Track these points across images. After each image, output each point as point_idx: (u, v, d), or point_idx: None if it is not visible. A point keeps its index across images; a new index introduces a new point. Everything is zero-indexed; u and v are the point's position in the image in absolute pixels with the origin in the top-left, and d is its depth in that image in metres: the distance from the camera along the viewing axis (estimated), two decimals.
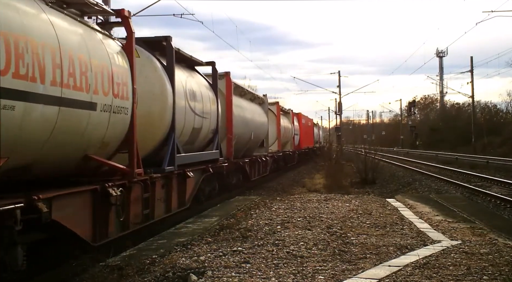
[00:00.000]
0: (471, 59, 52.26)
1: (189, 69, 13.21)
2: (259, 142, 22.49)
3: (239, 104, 18.36)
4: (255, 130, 20.56)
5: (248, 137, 19.51)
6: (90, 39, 7.49)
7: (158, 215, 10.17)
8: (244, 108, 19.11)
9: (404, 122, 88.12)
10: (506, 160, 33.22)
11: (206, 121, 12.89)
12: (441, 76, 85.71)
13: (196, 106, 12.17)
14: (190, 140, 12.09)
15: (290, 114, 34.90)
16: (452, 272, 6.23)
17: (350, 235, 8.62)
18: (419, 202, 13.76)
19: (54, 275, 7.33)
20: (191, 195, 12.29)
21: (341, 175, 23.73)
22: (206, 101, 13.03)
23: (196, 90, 12.42)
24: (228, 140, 16.46)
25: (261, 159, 22.66)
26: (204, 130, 12.83)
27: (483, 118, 62.11)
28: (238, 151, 18.26)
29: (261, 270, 6.40)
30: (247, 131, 19.17)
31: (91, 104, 7.18)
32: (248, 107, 20.20)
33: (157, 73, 10.27)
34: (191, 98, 11.87)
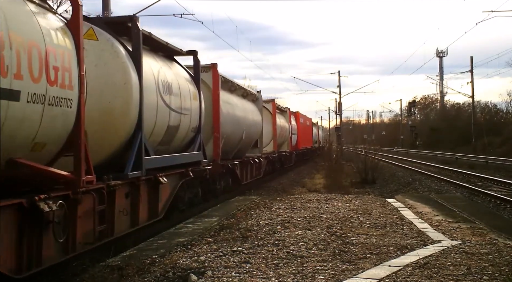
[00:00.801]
0: (471, 59, 52.34)
1: (167, 58, 11.46)
2: (252, 142, 20.84)
3: (228, 100, 16.65)
4: (248, 129, 18.74)
5: (239, 136, 17.79)
6: (10, 9, 5.76)
7: (120, 231, 8.43)
8: (234, 105, 17.35)
9: (404, 122, 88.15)
10: (506, 160, 33.23)
11: (185, 118, 11.04)
12: (441, 76, 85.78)
13: (173, 101, 10.34)
14: (165, 140, 10.34)
15: (287, 112, 33.13)
16: (452, 272, 6.23)
17: (350, 235, 8.62)
18: (419, 202, 13.77)
19: (54, 275, 7.33)
20: (165, 204, 10.46)
21: (341, 175, 23.74)
22: (185, 95, 11.18)
23: (173, 83, 10.51)
24: (214, 140, 14.79)
25: (254, 160, 20.95)
26: (183, 128, 11.01)
27: (483, 118, 62.12)
28: (227, 152, 16.71)
29: (261, 270, 6.40)
30: (238, 130, 17.48)
31: (11, 92, 5.47)
32: (240, 104, 18.40)
33: (119, 60, 8.41)
34: (166, 91, 10.05)
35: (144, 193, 9.37)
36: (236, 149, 17.82)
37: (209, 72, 15.06)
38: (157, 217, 9.94)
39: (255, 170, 21.47)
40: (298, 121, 38.39)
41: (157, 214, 9.96)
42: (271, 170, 27.28)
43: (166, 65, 10.83)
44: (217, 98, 15.02)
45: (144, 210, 9.45)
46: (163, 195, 10.28)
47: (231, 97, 17.41)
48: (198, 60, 12.84)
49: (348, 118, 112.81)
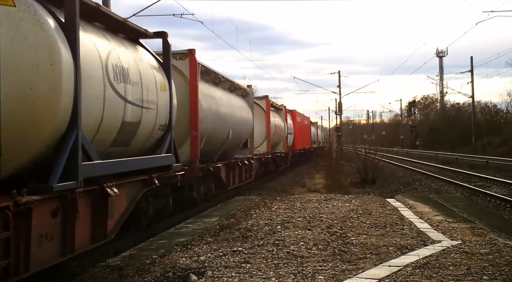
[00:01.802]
0: (471, 59, 52.35)
1: (128, 41, 9.16)
2: (242, 142, 18.75)
3: (210, 93, 14.47)
4: (235, 128, 16.56)
5: (225, 135, 15.69)
6: None
7: (43, 262, 6.17)
8: (218, 99, 15.14)
9: (404, 122, 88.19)
10: (506, 160, 33.23)
11: (149, 113, 8.89)
12: (441, 76, 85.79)
13: (130, 91, 8.09)
14: (120, 140, 8.08)
15: (283, 110, 30.96)
16: (452, 272, 6.23)
17: (350, 235, 8.62)
18: (419, 202, 13.77)
19: (54, 275, 7.33)
20: (119, 220, 8.07)
21: (341, 175, 23.73)
22: (149, 85, 8.96)
23: (131, 69, 8.30)
24: (192, 139, 12.57)
25: (243, 162, 18.64)
26: (146, 125, 8.82)
27: (483, 118, 62.13)
28: (210, 153, 14.67)
29: (261, 270, 6.40)
30: (223, 128, 15.37)
31: None
32: (225, 99, 16.17)
33: (44, 33, 6.28)
34: (119, 78, 7.78)
35: (84, 209, 6.97)
36: (222, 149, 15.82)
37: (186, 60, 12.73)
38: (105, 238, 7.60)
39: (245, 173, 19.33)
40: (295, 119, 36.48)
41: (105, 235, 7.56)
42: (264, 172, 25.43)
43: (122, 47, 8.46)
44: (195, 90, 12.69)
45: (85, 231, 7.07)
46: (115, 210, 7.88)
47: (215, 91, 15.22)
48: (169, 43, 10.38)
49: (348, 118, 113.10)
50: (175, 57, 12.17)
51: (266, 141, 24.51)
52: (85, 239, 7.15)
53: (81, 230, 6.90)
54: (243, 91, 19.53)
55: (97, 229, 7.39)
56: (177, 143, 11.23)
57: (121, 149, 8.34)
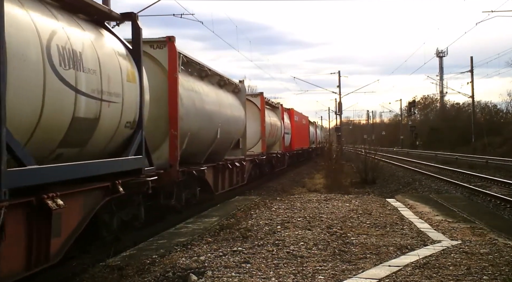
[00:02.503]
0: (471, 59, 52.36)
1: (88, 23, 7.67)
2: (233, 142, 17.15)
3: (194, 87, 12.89)
4: (225, 126, 15.10)
5: (212, 135, 14.16)
6: None
7: None
8: (204, 95, 13.54)
9: (404, 122, 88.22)
10: (506, 160, 33.25)
11: (112, 107, 7.48)
12: (441, 76, 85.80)
13: (84, 80, 6.73)
14: (72, 139, 6.67)
15: (279, 109, 29.33)
16: (452, 272, 6.23)
17: (350, 235, 8.62)
18: (419, 202, 13.78)
19: (54, 275, 7.33)
20: (68, 239, 6.52)
21: (341, 175, 23.73)
22: (112, 74, 7.55)
23: (86, 53, 6.91)
24: (171, 139, 11.10)
25: (233, 164, 17.01)
26: (107, 122, 7.43)
27: (483, 118, 62.17)
28: (194, 154, 13.26)
29: (261, 270, 6.40)
30: (210, 127, 13.85)
31: None
32: (213, 94, 14.50)
33: None
34: (68, 63, 6.42)
35: (15, 228, 5.54)
36: (209, 150, 14.29)
37: (164, 49, 11.24)
38: (48, 261, 6.11)
39: (236, 175, 17.81)
40: (292, 119, 34.92)
41: (47, 258, 6.08)
42: (259, 174, 23.91)
43: (76, 28, 7.00)
44: (174, 83, 11.15)
45: (16, 255, 5.60)
46: (63, 226, 6.37)
47: (200, 85, 13.65)
48: (139, 27, 8.90)
49: (348, 118, 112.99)
50: (152, 46, 11.10)
51: (260, 141, 23.24)
52: (17, 266, 5.62)
53: (10, 254, 5.43)
54: (234, 86, 17.96)
55: (36, 252, 5.88)
56: (154, 144, 10.42)
57: (75, 151, 6.98)
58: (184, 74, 12.38)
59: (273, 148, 27.63)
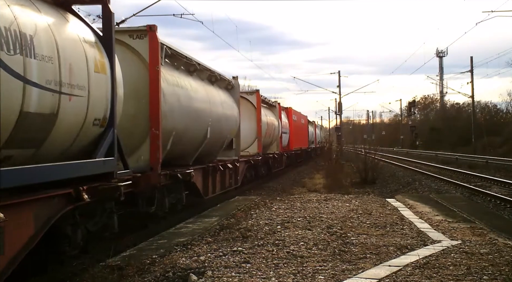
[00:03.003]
0: (471, 59, 52.31)
1: (50, 5, 6.72)
2: (225, 142, 16.01)
3: (180, 83, 11.78)
4: (216, 125, 14.04)
5: (201, 134, 13.10)
6: None
7: None
8: (192, 91, 12.42)
9: (404, 122, 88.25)
10: (506, 160, 33.27)
11: (75, 102, 6.49)
12: (441, 76, 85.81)
13: (36, 69, 5.75)
14: (22, 138, 5.70)
15: (277, 107, 28.19)
16: (452, 272, 6.23)
17: (350, 235, 8.62)
18: (419, 202, 13.78)
19: (54, 275, 7.33)
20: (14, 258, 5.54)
21: (341, 175, 23.76)
22: (75, 63, 6.55)
23: (39, 37, 5.89)
24: (152, 139, 10.02)
25: (225, 166, 15.82)
26: (69, 118, 6.44)
27: (483, 118, 62.19)
28: (181, 156, 12.35)
29: (261, 270, 6.40)
30: (198, 126, 12.77)
31: None
32: (202, 91, 13.39)
33: None
34: (13, 47, 5.40)
35: None
36: (198, 151, 13.22)
37: (145, 39, 10.22)
38: None
39: (229, 178, 16.68)
40: (291, 118, 33.62)
41: None
42: (254, 176, 22.86)
43: (27, 8, 5.98)
44: (156, 77, 10.06)
45: None
46: (9, 242, 5.38)
47: (188, 80, 12.53)
48: (110, 11, 7.78)
49: (348, 118, 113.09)
50: (132, 36, 10.13)
51: (256, 141, 22.14)
52: None
53: None
54: (227, 83, 16.80)
55: None
56: (133, 144, 9.62)
57: (28, 153, 6.01)
58: (168, 67, 11.35)
59: (270, 148, 26.64)
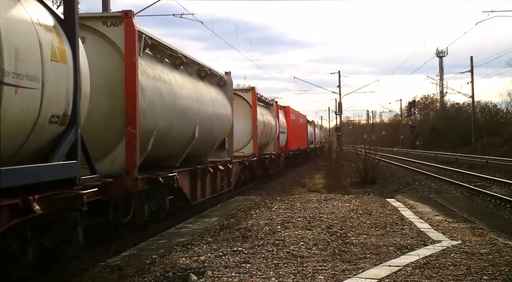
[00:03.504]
0: (471, 59, 52.32)
1: None
2: (217, 142, 14.95)
3: (163, 77, 10.65)
4: (205, 124, 13.05)
5: (188, 134, 12.04)
6: None
7: None
8: (177, 86, 11.29)
9: (404, 122, 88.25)
10: (506, 160, 33.27)
11: (24, 94, 5.53)
12: (441, 76, 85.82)
13: None
14: None
15: (274, 106, 27.15)
16: (452, 272, 6.23)
17: (350, 235, 8.62)
18: (419, 202, 13.78)
19: (54, 275, 7.33)
20: None
21: (341, 175, 23.75)
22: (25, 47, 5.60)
23: None
24: (128, 139, 8.88)
25: (216, 167, 14.67)
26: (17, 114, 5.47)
27: (483, 118, 62.18)
28: (165, 157, 11.44)
29: (261, 270, 6.40)
30: (185, 125, 11.72)
31: None
32: (189, 86, 12.28)
33: None
34: None
35: None
36: (185, 152, 12.12)
37: (120, 27, 9.08)
38: None
39: (220, 180, 15.41)
40: (289, 117, 32.60)
41: None
42: (249, 178, 21.68)
43: None
44: (132, 69, 8.93)
45: None
46: None
47: (172, 74, 11.34)
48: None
49: (348, 118, 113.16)
50: (105, 23, 9.07)
51: (252, 141, 21.18)
52: None
53: None
54: (219, 79, 15.64)
55: None
56: (107, 145, 8.73)
57: None
58: (149, 59, 10.28)
59: (267, 148, 25.88)
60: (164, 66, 11.21)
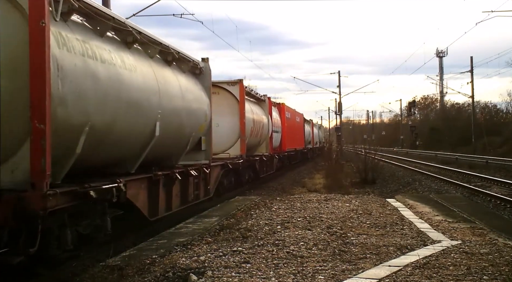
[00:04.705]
0: (471, 59, 52.35)
1: None
2: (190, 142, 11.99)
3: (102, 55, 7.82)
4: (172, 120, 10.40)
5: (144, 132, 9.25)
6: None
7: None
8: (125, 69, 8.43)
9: (404, 122, 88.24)
10: (506, 160, 33.27)
11: None
12: (441, 76, 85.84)
13: None
14: None
15: (266, 102, 24.36)
16: (452, 272, 6.23)
17: (350, 235, 8.62)
18: (419, 202, 13.78)
19: (54, 275, 7.33)
20: None
21: (341, 175, 23.77)
22: None
23: None
24: (34, 137, 6.16)
25: (187, 173, 11.65)
26: None
27: (483, 118, 62.21)
28: (111, 162, 8.76)
29: (261, 270, 6.40)
30: (138, 120, 8.89)
31: None
32: (146, 71, 9.37)
33: None
34: None
35: None
36: (143, 154, 9.38)
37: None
38: None
39: (194, 188, 12.37)
40: (283, 115, 29.89)
41: None
42: (234, 183, 18.75)
43: None
44: (41, 38, 6.17)
45: None
46: None
47: (118, 54, 8.44)
48: None
49: (348, 118, 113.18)
50: None
51: (239, 141, 18.75)
52: None
53: None
54: (194, 66, 12.65)
55: None
56: (6, 147, 6.18)
57: None
58: (79, 30, 7.55)
59: (259, 149, 23.40)
60: (107, 42, 8.31)
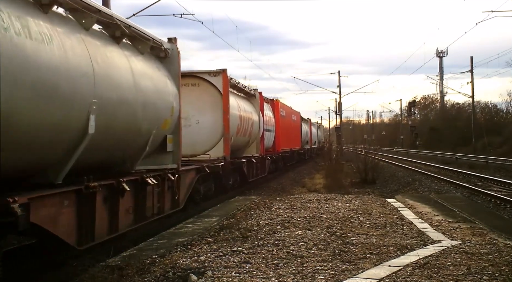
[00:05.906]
0: (471, 59, 52.32)
1: None
2: (149, 142, 9.68)
3: None
4: (119, 114, 8.28)
5: (70, 129, 6.91)
6: None
7: None
8: (29, 39, 5.88)
9: (404, 122, 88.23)
10: (506, 160, 33.26)
11: None
12: (441, 76, 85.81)
13: None
14: None
15: (257, 98, 21.95)
16: (452, 272, 6.23)
17: (350, 235, 8.62)
18: (419, 202, 13.77)
19: (54, 275, 7.33)
20: None
21: (341, 175, 23.78)
22: None
23: None
24: None
25: (142, 182, 9.31)
26: None
27: (483, 118, 62.21)
28: (16, 171, 6.16)
29: (261, 270, 6.40)
30: (57, 113, 6.50)
31: None
32: (73, 46, 6.91)
33: None
34: None
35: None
36: (72, 158, 7.11)
37: None
38: None
39: (156, 200, 10.01)
40: (277, 112, 27.26)
41: None
42: (215, 190, 16.12)
43: None
44: None
45: None
46: None
47: (25, 19, 5.96)
48: None
49: (348, 118, 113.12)
50: None
51: (222, 140, 16.32)
52: None
53: None
54: (153, 45, 10.19)
55: None
56: None
57: None
58: None
59: (248, 150, 20.79)
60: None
